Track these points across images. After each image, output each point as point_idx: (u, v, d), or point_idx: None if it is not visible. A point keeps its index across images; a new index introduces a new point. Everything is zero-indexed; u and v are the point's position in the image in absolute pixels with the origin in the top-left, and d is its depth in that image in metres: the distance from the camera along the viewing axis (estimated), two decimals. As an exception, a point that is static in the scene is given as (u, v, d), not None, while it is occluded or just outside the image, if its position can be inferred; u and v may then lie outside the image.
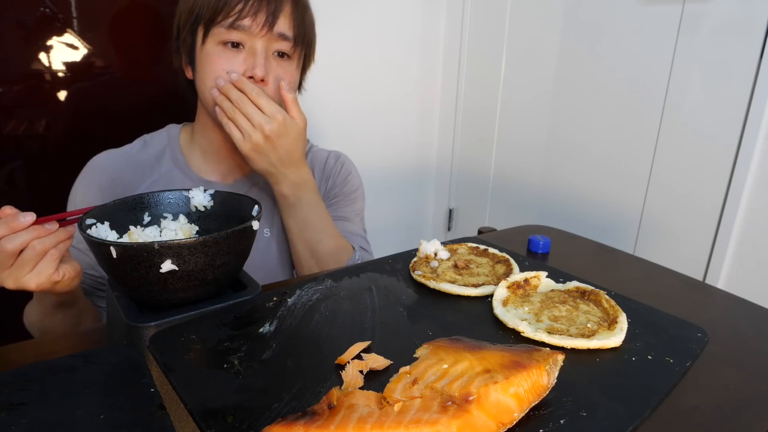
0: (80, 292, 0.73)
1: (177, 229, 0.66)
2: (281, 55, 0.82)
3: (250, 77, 0.79)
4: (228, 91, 0.76)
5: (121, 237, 0.62)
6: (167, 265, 0.52)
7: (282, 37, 0.80)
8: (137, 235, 0.63)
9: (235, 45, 0.79)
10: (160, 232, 0.66)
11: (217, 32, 0.79)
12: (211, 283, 0.56)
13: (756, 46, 1.13)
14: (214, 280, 0.56)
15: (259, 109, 0.76)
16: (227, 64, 0.79)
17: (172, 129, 0.94)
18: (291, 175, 0.81)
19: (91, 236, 0.53)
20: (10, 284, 0.59)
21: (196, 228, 0.68)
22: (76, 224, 0.61)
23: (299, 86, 0.92)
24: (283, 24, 0.80)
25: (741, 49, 1.15)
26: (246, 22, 0.78)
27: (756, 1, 1.12)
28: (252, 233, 0.59)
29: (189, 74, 0.86)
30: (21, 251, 0.57)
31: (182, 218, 0.68)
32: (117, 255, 0.51)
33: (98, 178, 0.86)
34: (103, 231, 0.61)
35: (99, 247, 0.53)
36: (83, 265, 0.81)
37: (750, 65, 1.14)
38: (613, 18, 1.40)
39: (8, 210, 0.57)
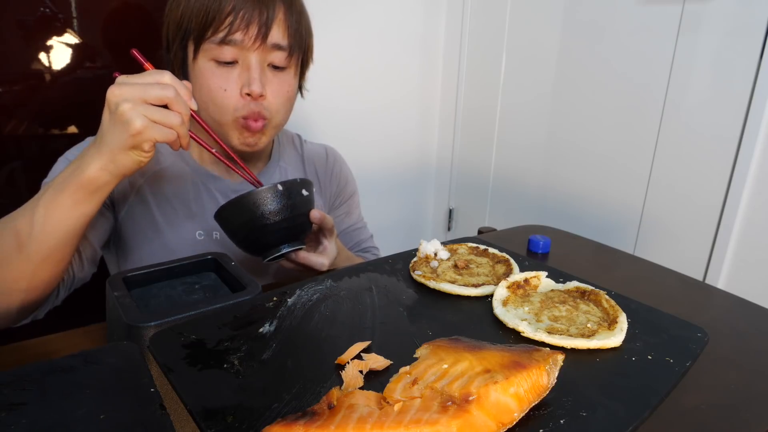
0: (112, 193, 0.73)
1: None
2: (276, 66, 0.80)
3: (248, 94, 0.78)
4: None
5: None
6: None
7: (276, 47, 0.78)
8: None
9: (229, 62, 0.77)
10: None
11: (208, 48, 0.76)
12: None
13: (756, 46, 1.13)
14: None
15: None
16: (222, 82, 0.77)
17: None
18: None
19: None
20: (138, 123, 0.60)
21: None
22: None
23: (300, 89, 0.90)
24: (277, 33, 0.77)
25: (741, 49, 1.15)
26: (237, 36, 0.75)
27: (756, 1, 1.12)
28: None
29: None
30: (165, 105, 0.63)
31: None
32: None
33: None
34: None
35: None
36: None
37: (750, 65, 1.14)
38: (613, 18, 1.40)
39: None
